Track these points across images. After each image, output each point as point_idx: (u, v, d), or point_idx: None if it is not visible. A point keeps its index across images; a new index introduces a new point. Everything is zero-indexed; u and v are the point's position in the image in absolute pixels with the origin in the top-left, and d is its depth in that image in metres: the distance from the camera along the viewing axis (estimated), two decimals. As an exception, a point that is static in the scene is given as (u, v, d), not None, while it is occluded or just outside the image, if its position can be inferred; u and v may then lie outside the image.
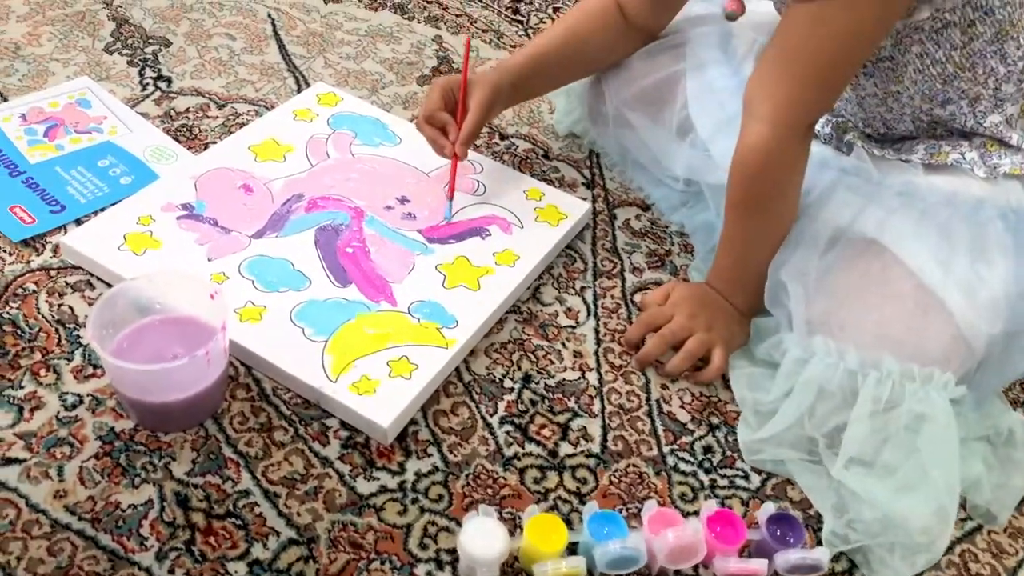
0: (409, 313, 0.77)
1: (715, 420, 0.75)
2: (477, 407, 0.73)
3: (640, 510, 0.67)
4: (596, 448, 0.72)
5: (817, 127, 0.82)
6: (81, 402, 0.69)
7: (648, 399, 0.76)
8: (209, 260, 0.79)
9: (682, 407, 0.76)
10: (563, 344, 0.80)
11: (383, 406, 0.69)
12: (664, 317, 0.79)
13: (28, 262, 0.79)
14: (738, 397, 0.76)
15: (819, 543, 0.68)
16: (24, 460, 0.65)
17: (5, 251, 0.80)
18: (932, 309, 0.70)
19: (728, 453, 0.73)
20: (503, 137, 1.01)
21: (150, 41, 1.08)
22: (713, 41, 0.91)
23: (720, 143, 0.82)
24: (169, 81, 1.02)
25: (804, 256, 0.75)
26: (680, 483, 0.71)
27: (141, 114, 0.97)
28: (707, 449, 0.73)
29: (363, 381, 0.71)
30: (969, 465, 0.70)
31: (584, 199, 0.93)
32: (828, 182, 0.77)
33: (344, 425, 0.70)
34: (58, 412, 0.68)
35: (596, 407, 0.75)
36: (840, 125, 0.83)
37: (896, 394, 0.67)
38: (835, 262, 0.74)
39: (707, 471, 0.72)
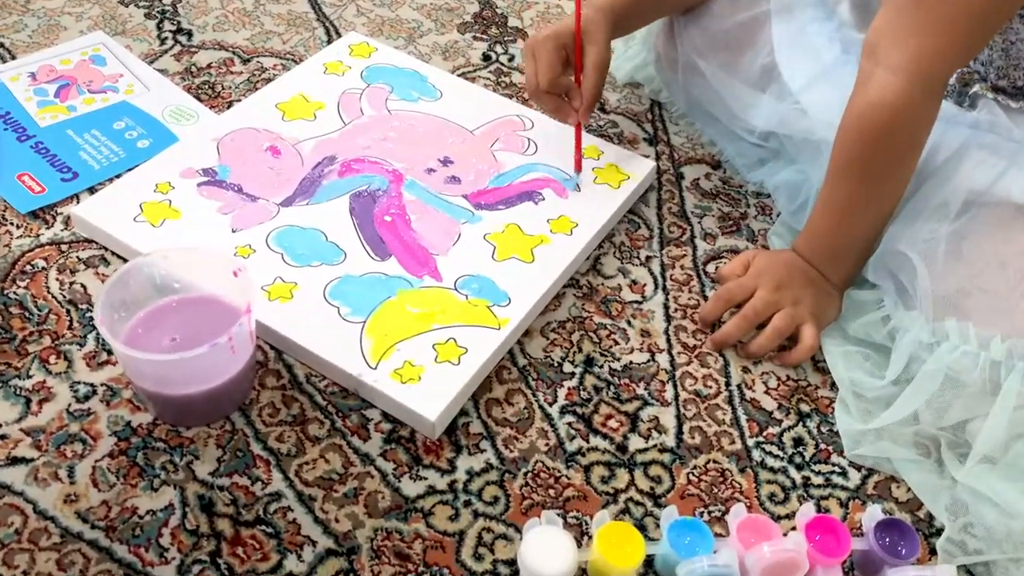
0: (456, 289, 0.68)
1: (805, 408, 0.66)
2: (534, 395, 0.65)
3: (723, 513, 0.59)
4: (671, 442, 0.64)
5: None
6: (94, 393, 0.62)
7: (728, 384, 0.67)
8: (233, 231, 0.71)
9: (767, 393, 0.67)
10: (628, 322, 0.71)
11: (429, 396, 0.61)
12: (745, 291, 0.70)
13: (37, 235, 0.72)
14: (837, 378, 0.66)
15: (932, 552, 0.59)
16: (32, 460, 0.58)
17: (13, 223, 0.73)
18: None
19: (822, 446, 0.64)
20: (554, 90, 0.91)
21: (169, -9, 0.99)
22: None
23: (814, 95, 0.73)
24: (189, 34, 0.94)
25: (931, 225, 0.65)
26: (769, 481, 0.62)
27: (159, 71, 0.89)
28: (798, 441, 0.64)
29: (406, 367, 0.63)
30: None
31: (647, 157, 0.83)
32: (958, 141, 0.67)
33: (386, 417, 0.63)
34: (69, 404, 0.61)
35: (669, 394, 0.66)
36: (964, 76, 0.72)
37: None
38: (970, 232, 0.64)
39: (799, 467, 0.63)
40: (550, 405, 0.65)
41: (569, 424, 0.64)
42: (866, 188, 0.67)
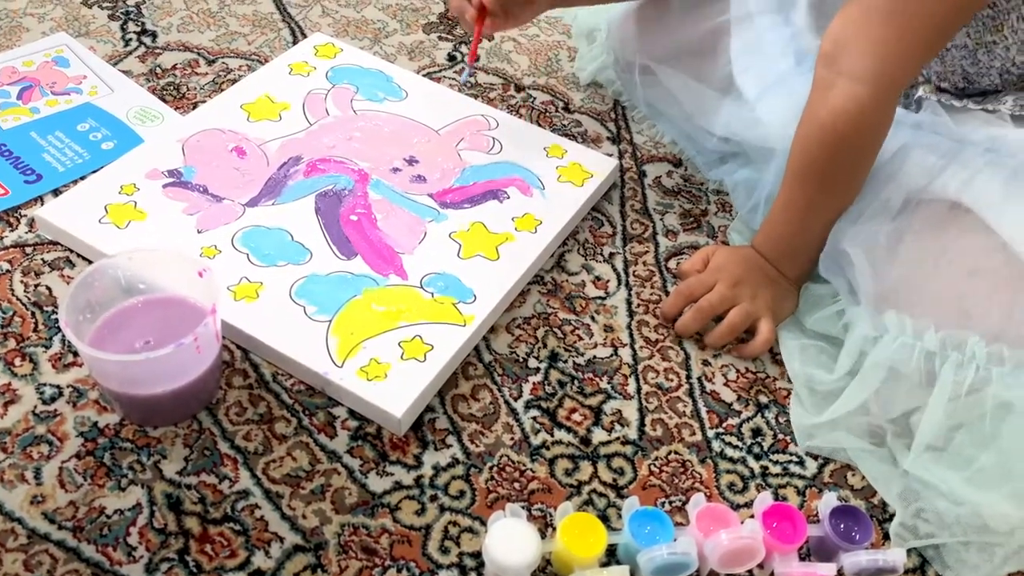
0: (422, 287, 0.69)
1: (764, 399, 0.68)
2: (500, 390, 0.66)
3: (684, 503, 0.61)
4: (633, 434, 0.65)
5: None
6: (60, 394, 0.62)
7: (689, 377, 0.69)
8: (199, 232, 0.72)
9: (727, 385, 0.69)
10: (592, 318, 0.72)
11: (395, 392, 0.62)
12: (704, 286, 0.71)
13: (1, 238, 0.72)
14: (791, 372, 0.68)
15: (885, 537, 0.61)
16: (-3, 462, 0.58)
17: (-25, 226, 0.72)
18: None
19: (780, 436, 0.66)
20: (519, 88, 0.93)
21: (132, -8, 0.99)
22: None
23: (768, 103, 0.75)
24: (154, 35, 0.94)
25: (873, 223, 0.67)
26: (728, 471, 0.63)
27: (124, 72, 0.89)
28: (756, 432, 0.66)
29: (372, 365, 0.64)
30: None
31: (610, 155, 0.84)
32: (900, 142, 0.69)
33: (353, 414, 0.63)
34: (35, 406, 0.61)
35: (631, 387, 0.68)
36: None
37: (980, 379, 0.59)
38: (909, 228, 0.66)
39: (757, 457, 0.65)
40: (515, 400, 0.66)
41: (534, 418, 0.65)
42: (825, 192, 0.69)
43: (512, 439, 0.64)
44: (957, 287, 0.63)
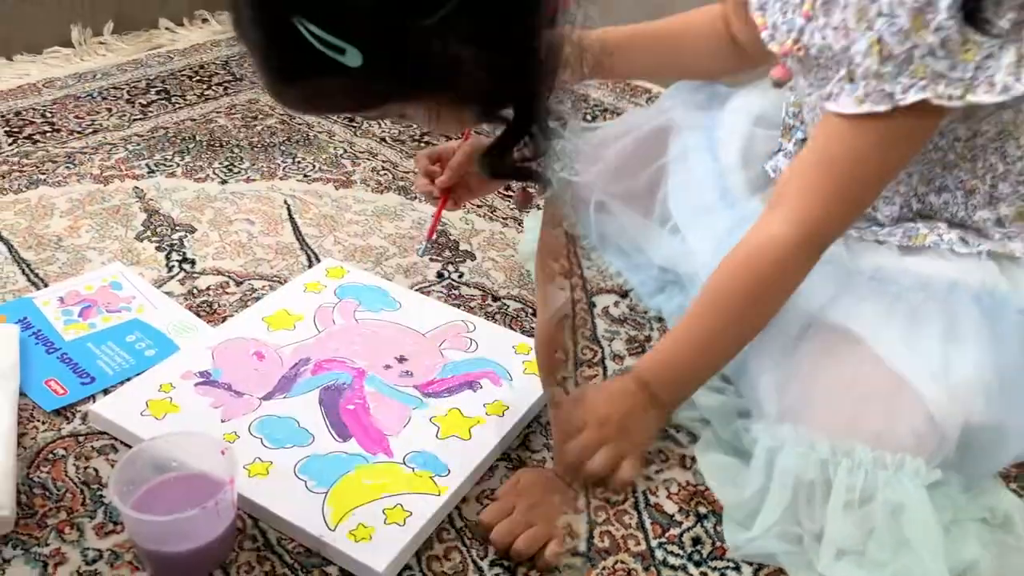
0: (404, 463, 0.83)
1: (703, 510, 0.78)
2: (468, 551, 0.78)
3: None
4: (582, 546, 0.75)
5: None
6: (101, 557, 0.75)
7: (634, 492, 0.79)
8: (223, 421, 0.86)
9: (669, 498, 0.79)
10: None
11: (378, 551, 0.74)
12: (506, 510, 0.77)
13: (59, 430, 0.87)
14: (715, 493, 0.77)
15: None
16: (46, 613, 0.70)
17: (39, 420, 0.88)
18: (902, 395, 0.71)
19: (718, 544, 0.75)
20: (495, 299, 1.10)
21: (177, 228, 1.20)
22: (698, 122, 0.96)
23: (696, 233, 0.86)
24: (193, 263, 1.13)
25: (774, 345, 0.76)
26: (668, 587, 0.73)
27: (166, 293, 1.07)
28: (696, 540, 0.76)
29: (360, 528, 0.76)
30: (964, 548, 0.70)
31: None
32: None
33: (343, 572, 0.75)
34: (79, 567, 0.74)
35: (581, 503, 0.78)
36: None
37: (870, 483, 0.68)
38: (806, 351, 0.76)
39: (697, 564, 0.74)
40: (481, 560, 0.77)
41: (496, 575, 0.76)
42: (731, 327, 0.74)
43: (478, 592, 0.75)
44: (845, 401, 0.72)
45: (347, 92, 0.60)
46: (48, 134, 1.42)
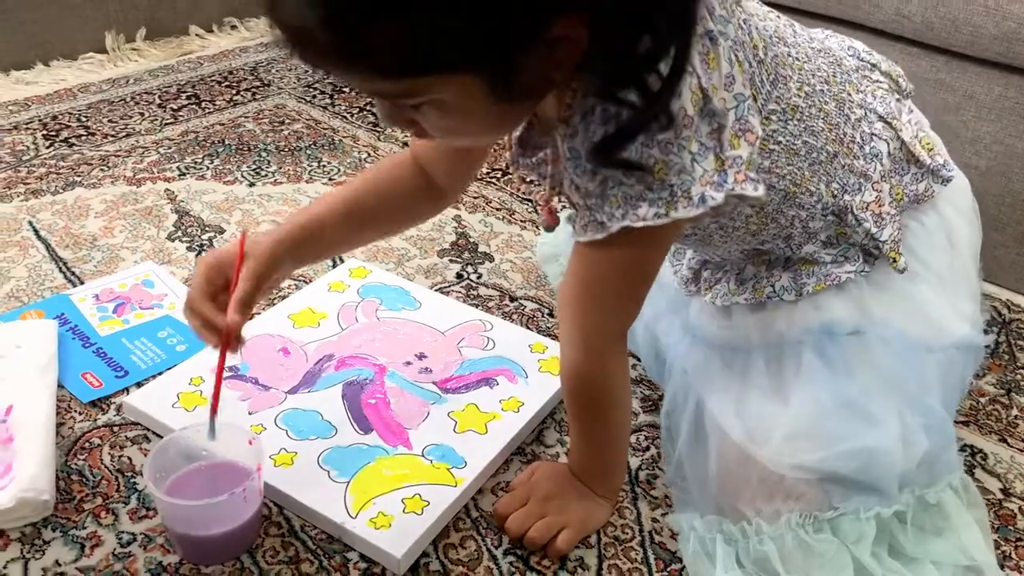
0: (423, 455, 0.86)
1: None
2: (483, 540, 0.81)
3: (632, 632, 0.73)
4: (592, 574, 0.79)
5: (680, 273, 0.93)
6: (134, 540, 0.79)
7: (641, 530, 0.83)
8: (250, 414, 0.90)
9: (672, 537, 0.83)
10: (563, 481, 0.88)
11: (397, 539, 0.78)
12: (519, 500, 0.82)
13: (95, 420, 0.91)
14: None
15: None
16: (83, 591, 0.74)
17: (77, 411, 0.92)
18: (748, 463, 0.78)
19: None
20: (512, 299, 1.13)
21: (207, 229, 1.24)
22: None
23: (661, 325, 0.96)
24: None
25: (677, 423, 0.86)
26: (669, 606, 0.77)
27: (197, 291, 1.11)
28: (695, 576, 0.79)
29: (380, 516, 0.79)
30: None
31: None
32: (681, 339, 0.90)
33: (363, 558, 0.78)
34: (114, 549, 0.78)
35: (593, 538, 0.82)
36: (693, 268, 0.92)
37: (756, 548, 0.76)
38: (688, 436, 0.85)
39: None
40: (496, 548, 0.80)
41: (510, 563, 0.79)
42: (593, 428, 0.81)
43: (492, 579, 0.78)
44: (722, 485, 0.80)
45: (397, 44, 0.54)
46: (83, 137, 1.47)
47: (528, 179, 0.81)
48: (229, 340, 0.76)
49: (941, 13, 1.17)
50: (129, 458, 0.87)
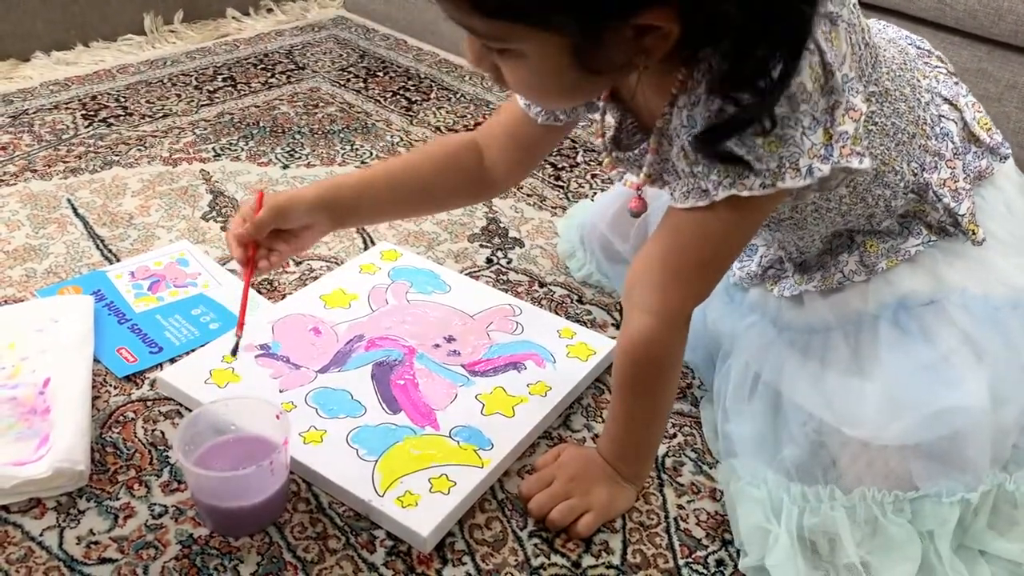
0: (450, 436, 0.87)
1: (728, 536, 0.81)
2: (508, 522, 0.82)
3: (655, 616, 0.74)
4: (616, 560, 0.79)
5: (748, 269, 0.93)
6: (166, 512, 0.80)
7: (666, 517, 0.83)
8: (281, 392, 0.91)
9: (698, 524, 0.82)
10: (590, 466, 0.88)
11: (424, 517, 0.78)
12: (543, 482, 0.83)
13: (129, 394, 0.93)
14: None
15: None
16: (116, 560, 0.75)
17: (112, 385, 0.94)
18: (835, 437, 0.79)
19: (739, 567, 0.79)
20: (542, 285, 1.13)
21: (241, 209, 1.25)
22: None
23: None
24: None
25: (733, 402, 0.85)
26: (693, 592, 0.77)
27: (230, 271, 1.12)
28: (719, 563, 0.79)
29: (407, 495, 0.80)
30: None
31: (613, 338, 1.03)
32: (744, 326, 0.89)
33: (389, 535, 0.79)
34: (147, 520, 0.79)
35: (618, 523, 0.82)
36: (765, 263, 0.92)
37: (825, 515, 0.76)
38: (759, 410, 0.85)
39: None
40: (521, 530, 0.81)
41: (535, 545, 0.80)
42: (640, 404, 0.81)
43: (516, 561, 0.78)
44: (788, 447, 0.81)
45: None
46: (121, 118, 1.49)
47: (619, 169, 0.84)
48: (248, 262, 0.86)
49: (984, 2, 1.15)
50: (162, 432, 0.88)
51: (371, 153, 1.43)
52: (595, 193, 1.33)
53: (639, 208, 0.84)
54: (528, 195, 1.33)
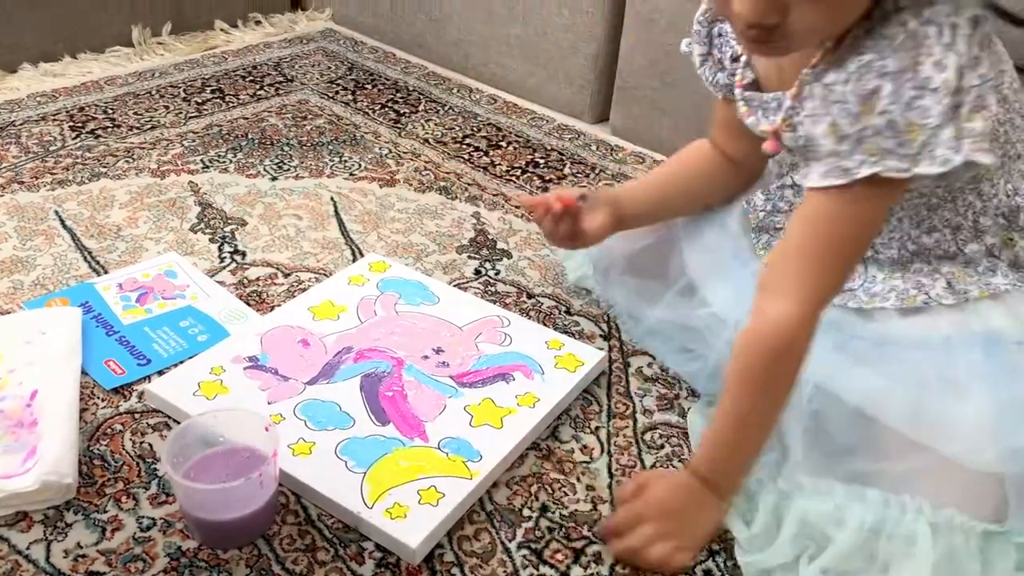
0: (439, 448, 0.87)
1: (715, 546, 0.82)
2: (497, 533, 0.82)
3: (643, 627, 0.74)
4: (605, 571, 0.79)
5: None
6: (154, 524, 0.80)
7: None
8: (269, 403, 0.91)
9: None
10: (577, 478, 0.88)
11: (412, 529, 0.78)
12: (631, 523, 0.80)
13: (117, 407, 0.92)
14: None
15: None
16: (104, 573, 0.75)
17: (99, 397, 0.93)
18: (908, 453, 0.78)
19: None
20: (530, 296, 1.14)
21: (229, 222, 1.25)
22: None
23: (712, 287, 0.94)
24: (244, 255, 1.19)
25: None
26: (681, 602, 0.77)
27: (219, 282, 1.12)
28: (707, 573, 0.80)
29: (396, 507, 0.80)
30: None
31: (601, 349, 1.03)
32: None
33: (378, 547, 0.79)
34: (135, 533, 0.79)
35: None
36: None
37: (879, 519, 0.74)
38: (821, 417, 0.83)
39: None
40: (509, 541, 0.81)
41: (524, 556, 0.80)
42: (760, 402, 0.78)
43: (505, 571, 0.78)
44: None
45: None
46: (109, 129, 1.49)
47: (752, 116, 0.88)
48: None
49: None
50: (150, 444, 0.88)
51: (360, 165, 1.43)
52: (583, 205, 1.34)
53: (776, 150, 0.85)
54: (517, 206, 1.33)
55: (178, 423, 0.90)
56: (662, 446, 0.92)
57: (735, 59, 0.90)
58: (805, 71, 0.76)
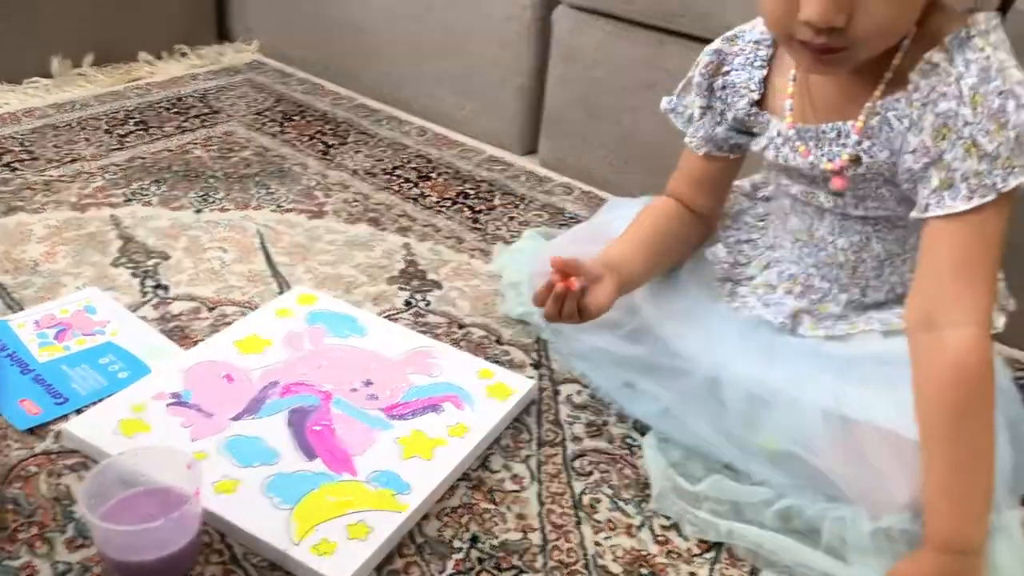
0: (368, 482, 0.86)
1: (644, 571, 0.83)
2: (428, 566, 0.81)
3: (574, 655, 0.74)
4: (536, 601, 0.79)
5: (779, 317, 0.94)
6: (71, 570, 0.77)
7: (585, 555, 0.84)
8: (192, 441, 0.89)
9: (615, 560, 0.83)
10: (508, 507, 0.88)
11: (340, 566, 0.77)
12: None
13: (32, 448, 0.89)
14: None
15: None
16: (15, 623, 0.72)
17: (13, 439, 0.90)
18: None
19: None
20: (461, 326, 1.14)
21: (152, 255, 1.23)
22: None
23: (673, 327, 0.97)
24: (167, 289, 1.16)
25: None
26: (611, 629, 0.77)
27: (141, 317, 1.10)
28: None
29: (323, 543, 0.79)
30: None
31: (531, 378, 1.04)
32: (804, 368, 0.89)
33: (306, 585, 0.78)
34: (49, 579, 0.76)
35: (539, 563, 0.82)
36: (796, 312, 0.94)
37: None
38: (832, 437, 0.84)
39: None
40: (440, 574, 0.80)
41: (455, 588, 0.79)
42: (979, 435, 0.75)
43: (436, 605, 0.78)
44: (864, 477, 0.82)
45: None
46: (26, 162, 1.45)
47: (806, 155, 0.87)
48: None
49: None
50: (67, 486, 0.85)
51: (287, 197, 1.42)
52: (513, 235, 1.35)
53: (845, 186, 0.85)
54: (447, 237, 1.34)
55: (97, 463, 0.87)
56: (591, 473, 0.93)
57: (756, 103, 0.90)
58: (876, 103, 0.80)
